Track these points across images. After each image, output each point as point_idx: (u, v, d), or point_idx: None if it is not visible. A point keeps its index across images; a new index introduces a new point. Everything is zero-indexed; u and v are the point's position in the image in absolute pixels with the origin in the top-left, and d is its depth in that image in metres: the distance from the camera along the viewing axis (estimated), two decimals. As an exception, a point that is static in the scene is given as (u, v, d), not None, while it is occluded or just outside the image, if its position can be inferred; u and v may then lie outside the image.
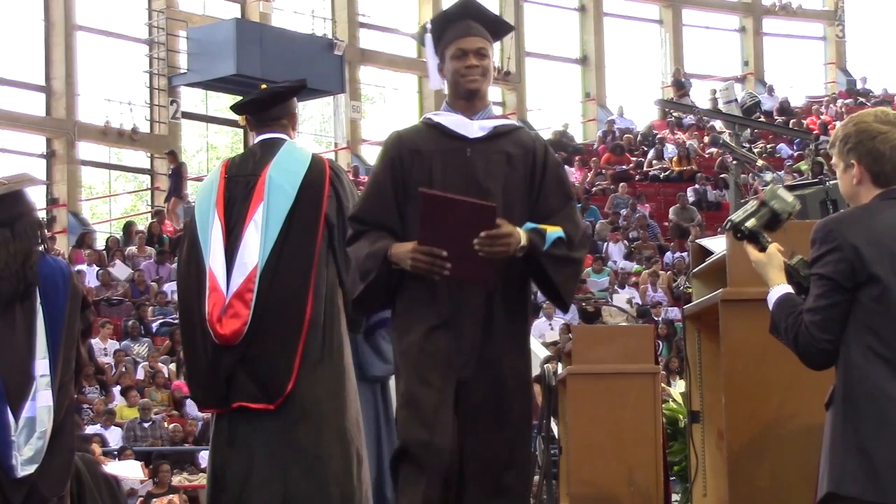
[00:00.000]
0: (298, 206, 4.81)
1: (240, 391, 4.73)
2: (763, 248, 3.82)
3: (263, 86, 5.21)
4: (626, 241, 22.73)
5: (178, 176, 23.30)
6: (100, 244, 21.37)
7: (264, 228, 4.78)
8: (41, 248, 5.07)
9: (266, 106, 5.07)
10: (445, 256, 4.17)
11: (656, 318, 18.35)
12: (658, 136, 27.91)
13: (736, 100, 26.84)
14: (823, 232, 3.58)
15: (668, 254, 22.15)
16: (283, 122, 5.06)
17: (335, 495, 4.72)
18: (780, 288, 3.72)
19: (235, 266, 4.77)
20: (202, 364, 4.83)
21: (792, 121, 27.99)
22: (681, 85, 30.11)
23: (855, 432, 3.46)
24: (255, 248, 4.77)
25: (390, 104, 29.46)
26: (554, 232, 4.30)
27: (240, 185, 4.91)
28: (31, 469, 4.74)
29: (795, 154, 26.50)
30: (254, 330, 4.72)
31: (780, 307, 3.67)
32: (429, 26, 4.52)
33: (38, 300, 4.87)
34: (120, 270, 19.62)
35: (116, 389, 16.06)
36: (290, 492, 4.69)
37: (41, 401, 4.78)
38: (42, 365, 4.80)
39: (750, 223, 3.89)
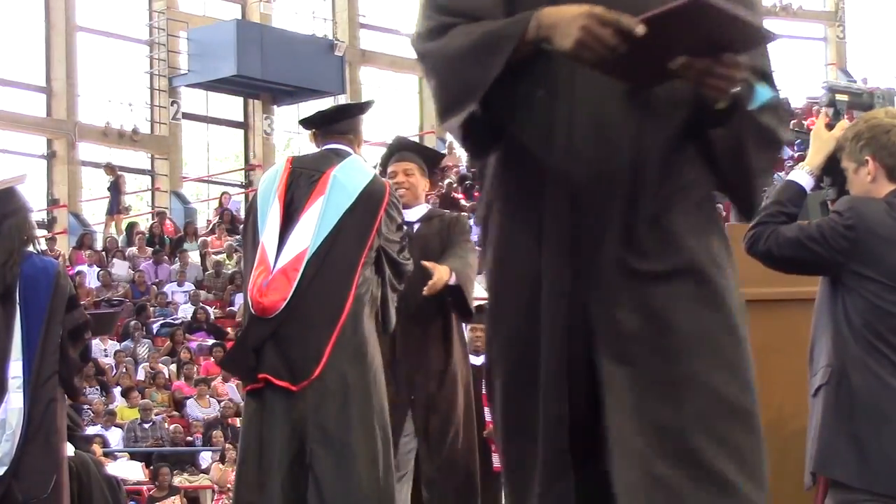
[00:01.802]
0: (356, 208, 4.93)
1: (267, 365, 4.80)
2: (833, 125, 3.86)
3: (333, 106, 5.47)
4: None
5: (116, 190, 22.65)
6: (100, 245, 21.37)
7: (320, 218, 4.89)
8: (32, 248, 5.06)
9: (333, 119, 5.20)
10: (640, 37, 2.35)
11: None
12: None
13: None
14: (848, 206, 3.62)
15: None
16: (350, 137, 5.18)
17: (362, 480, 4.77)
18: (804, 173, 3.79)
19: (286, 245, 4.88)
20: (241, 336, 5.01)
21: (792, 122, 27.99)
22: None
23: (849, 420, 3.49)
24: (308, 232, 4.88)
25: (390, 104, 29.43)
26: (764, 89, 2.59)
27: (303, 177, 5.02)
28: (0, 471, 4.74)
29: (797, 155, 26.49)
30: (291, 309, 4.78)
31: (784, 189, 3.76)
32: None
33: (18, 301, 4.85)
34: (119, 270, 19.63)
35: (117, 390, 16.07)
36: (317, 473, 4.75)
37: (12, 403, 4.77)
38: (15, 367, 4.79)
39: (844, 97, 3.95)
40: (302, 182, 5.00)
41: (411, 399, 5.65)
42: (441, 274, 5.56)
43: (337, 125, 5.18)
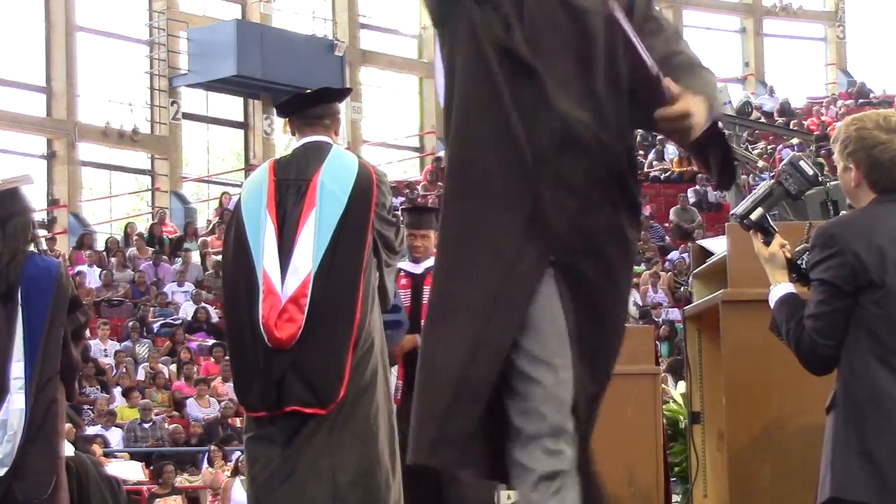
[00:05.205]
0: (349, 212, 4.87)
1: (291, 396, 4.74)
2: (769, 241, 3.78)
3: (308, 91, 5.27)
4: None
5: None
6: (100, 245, 21.35)
7: (317, 234, 4.82)
8: (33, 248, 5.06)
9: (310, 104, 5.11)
10: None
11: (657, 319, 18.33)
12: (658, 137, 27.89)
13: (730, 102, 26.80)
14: (825, 237, 3.56)
15: (670, 254, 22.15)
16: (326, 123, 5.10)
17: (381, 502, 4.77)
18: (781, 287, 3.70)
19: (289, 271, 4.80)
20: (254, 368, 4.82)
21: (793, 122, 27.97)
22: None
23: (858, 436, 3.45)
24: (308, 253, 4.80)
25: (390, 105, 29.42)
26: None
27: (291, 189, 4.94)
28: (1, 472, 4.74)
29: (796, 150, 26.44)
30: (305, 335, 4.74)
31: (782, 308, 3.66)
32: None
33: (20, 301, 4.85)
34: (120, 271, 19.62)
35: (117, 390, 16.08)
36: (339, 495, 4.72)
37: (13, 404, 4.77)
38: (17, 367, 4.80)
39: (755, 214, 3.83)
40: (290, 195, 4.92)
41: None
42: (689, 107, 2.90)
43: (314, 110, 5.09)
